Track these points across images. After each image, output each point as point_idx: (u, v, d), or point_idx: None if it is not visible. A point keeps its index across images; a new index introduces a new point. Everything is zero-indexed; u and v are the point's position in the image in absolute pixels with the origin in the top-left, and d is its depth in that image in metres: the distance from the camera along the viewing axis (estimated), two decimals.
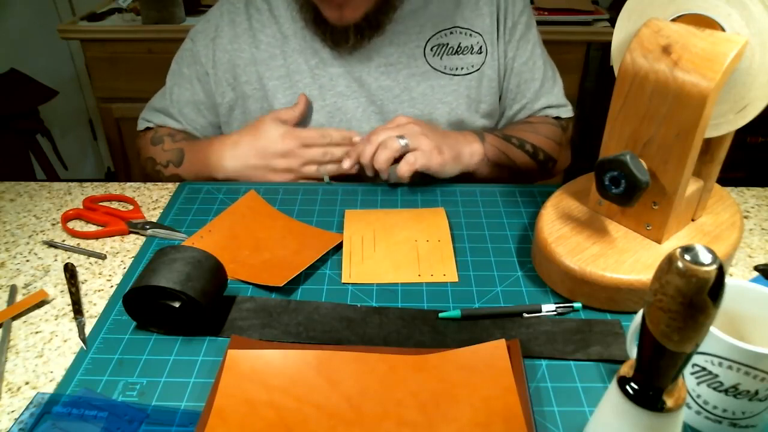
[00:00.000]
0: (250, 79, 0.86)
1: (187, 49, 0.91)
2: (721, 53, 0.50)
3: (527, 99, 0.90)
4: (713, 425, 0.45)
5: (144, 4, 1.67)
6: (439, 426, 0.46)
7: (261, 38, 0.85)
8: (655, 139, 0.55)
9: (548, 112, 0.92)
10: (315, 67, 0.84)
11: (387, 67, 0.84)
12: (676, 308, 0.32)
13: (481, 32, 0.85)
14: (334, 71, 0.84)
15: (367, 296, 0.61)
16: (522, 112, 0.91)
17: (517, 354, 0.51)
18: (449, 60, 0.84)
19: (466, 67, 0.85)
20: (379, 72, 0.84)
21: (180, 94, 0.91)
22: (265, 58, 0.85)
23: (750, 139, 1.83)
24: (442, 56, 0.84)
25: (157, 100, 0.94)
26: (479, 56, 0.85)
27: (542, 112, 0.92)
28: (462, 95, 0.86)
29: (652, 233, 0.60)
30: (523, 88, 0.89)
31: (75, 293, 0.61)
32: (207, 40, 0.88)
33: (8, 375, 0.52)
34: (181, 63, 0.91)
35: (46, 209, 0.77)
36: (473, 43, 0.85)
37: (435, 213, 0.73)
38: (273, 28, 0.85)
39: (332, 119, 0.85)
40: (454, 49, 0.84)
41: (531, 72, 0.89)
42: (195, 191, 0.79)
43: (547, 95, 0.91)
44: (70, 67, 2.24)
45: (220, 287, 0.57)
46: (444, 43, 0.84)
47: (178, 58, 0.92)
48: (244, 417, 0.46)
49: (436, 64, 0.84)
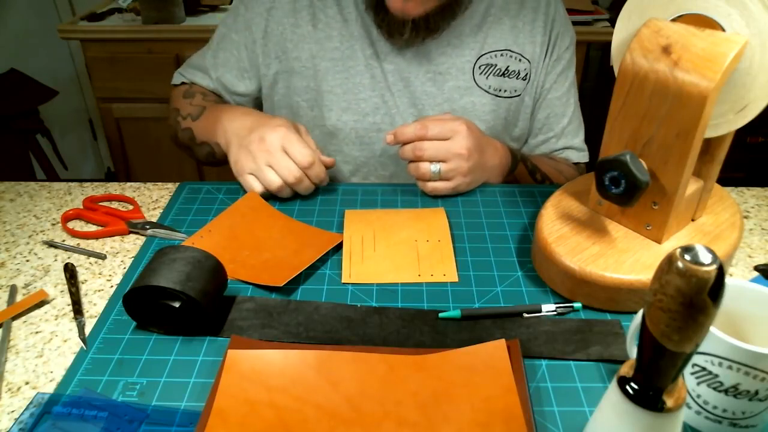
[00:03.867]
0: (300, 56, 0.86)
1: (240, 15, 0.89)
2: (721, 53, 0.50)
3: (553, 133, 0.92)
4: (713, 425, 0.45)
5: (144, 4, 1.67)
6: (439, 426, 0.46)
7: (321, 17, 0.85)
8: (655, 139, 0.55)
9: (568, 153, 0.94)
10: (369, 57, 0.85)
11: (435, 75, 0.85)
12: (676, 308, 0.32)
13: (531, 59, 0.86)
14: (386, 66, 0.85)
15: (367, 296, 0.61)
16: (545, 144, 0.93)
17: (517, 354, 0.51)
18: (495, 80, 0.86)
19: (509, 90, 0.87)
20: (426, 78, 0.85)
21: (226, 59, 0.91)
22: (321, 37, 0.85)
23: (750, 139, 1.83)
24: (488, 76, 0.85)
25: (198, 58, 0.95)
26: (523, 82, 0.87)
27: (563, 153, 0.94)
28: (500, 117, 0.87)
29: (652, 233, 0.60)
30: (552, 121, 0.91)
31: (75, 293, 0.61)
32: (262, 9, 0.87)
33: (8, 375, 0.52)
34: (230, 27, 0.90)
35: (46, 209, 0.77)
36: (521, 68, 0.86)
37: (435, 213, 0.73)
38: (334, 9, 0.85)
39: (377, 111, 0.86)
40: (502, 71, 0.86)
41: (563, 108, 0.91)
42: (195, 191, 0.79)
43: (571, 136, 0.93)
44: (70, 67, 2.24)
45: (220, 287, 0.57)
46: (493, 63, 0.85)
47: (228, 22, 0.91)
48: (244, 417, 0.46)
49: (482, 82, 0.86)
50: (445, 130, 0.73)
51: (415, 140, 0.73)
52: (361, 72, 0.85)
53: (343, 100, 0.86)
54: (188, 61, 0.97)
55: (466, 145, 0.73)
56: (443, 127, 0.73)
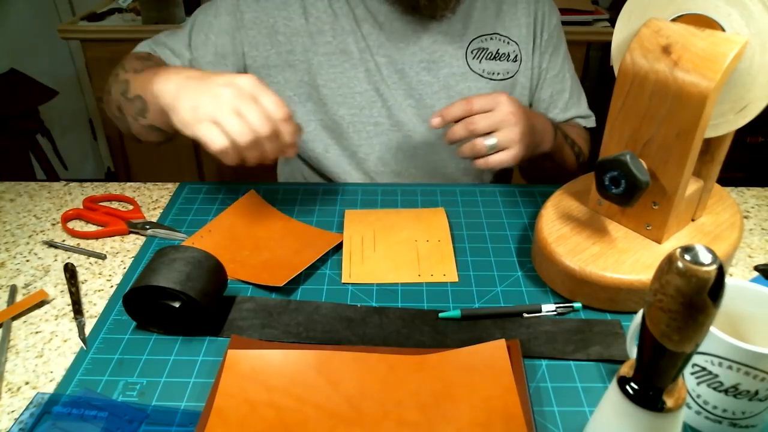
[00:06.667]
0: (294, 49, 0.85)
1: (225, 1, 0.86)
2: (721, 53, 0.50)
3: (559, 109, 0.94)
4: (713, 425, 0.45)
5: (144, 4, 1.67)
6: (439, 426, 0.46)
7: (311, 11, 0.85)
8: (655, 139, 0.55)
9: (577, 122, 0.96)
10: (363, 50, 0.85)
11: (429, 64, 0.86)
12: (676, 308, 0.32)
13: (518, 41, 0.88)
14: (379, 59, 0.85)
15: (367, 296, 0.61)
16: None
17: (517, 354, 0.51)
18: (488, 64, 0.87)
19: (502, 72, 0.88)
20: (420, 67, 0.86)
21: (202, 42, 0.85)
22: (313, 31, 0.85)
23: (750, 139, 1.83)
24: (481, 60, 0.87)
25: (170, 39, 0.87)
26: (514, 64, 0.88)
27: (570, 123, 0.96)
28: None
29: (652, 233, 0.60)
30: (556, 98, 0.93)
31: (75, 293, 0.61)
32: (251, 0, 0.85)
33: (8, 375, 0.52)
34: (208, 12, 0.86)
35: (46, 209, 0.77)
36: (510, 51, 0.88)
37: (435, 213, 0.73)
38: (325, 3, 0.85)
39: (373, 104, 0.86)
40: (493, 54, 0.87)
41: (561, 83, 0.93)
42: (195, 191, 0.79)
43: (576, 107, 0.95)
44: (70, 67, 2.24)
45: (220, 287, 0.57)
46: (485, 47, 0.87)
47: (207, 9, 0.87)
48: (244, 417, 0.46)
49: (476, 66, 0.87)
50: (488, 101, 0.73)
51: (463, 116, 0.72)
52: (356, 65, 0.85)
53: (339, 94, 0.86)
54: (158, 38, 0.87)
55: (512, 110, 0.72)
56: (486, 99, 0.73)
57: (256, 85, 0.61)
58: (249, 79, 0.61)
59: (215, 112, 0.59)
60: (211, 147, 0.59)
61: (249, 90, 0.60)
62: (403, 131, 0.87)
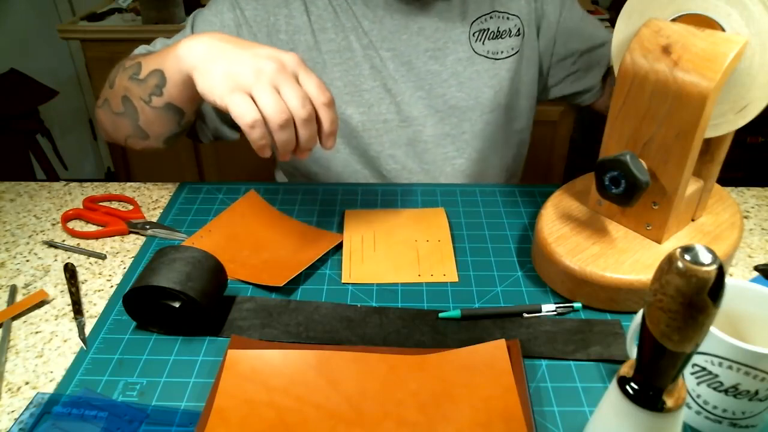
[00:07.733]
0: (296, 48, 0.85)
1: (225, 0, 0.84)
2: (721, 53, 0.50)
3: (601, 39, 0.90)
4: (713, 425, 0.45)
5: (144, 4, 1.67)
6: (439, 426, 0.46)
7: (312, 9, 0.85)
8: (655, 139, 0.55)
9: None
10: (366, 47, 0.84)
11: (435, 52, 0.85)
12: (676, 308, 0.32)
13: (518, 14, 0.87)
14: (383, 54, 0.84)
15: (367, 296, 0.61)
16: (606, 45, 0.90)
17: (517, 354, 0.51)
18: (491, 44, 0.86)
19: (506, 50, 0.87)
20: (427, 56, 0.85)
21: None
22: (316, 29, 0.84)
23: (750, 139, 1.83)
24: (484, 41, 0.86)
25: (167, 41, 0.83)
26: (518, 38, 0.87)
27: None
28: (505, 78, 0.88)
29: (652, 233, 0.60)
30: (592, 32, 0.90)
31: (75, 293, 0.61)
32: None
33: (8, 375, 0.52)
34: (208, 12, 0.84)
35: (46, 209, 0.77)
36: (511, 26, 0.87)
37: (435, 213, 0.73)
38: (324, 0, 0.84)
39: (381, 101, 0.85)
40: (495, 34, 0.86)
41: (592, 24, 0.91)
42: (195, 191, 0.79)
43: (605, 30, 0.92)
44: (70, 67, 2.24)
45: (220, 287, 0.57)
46: (485, 28, 0.86)
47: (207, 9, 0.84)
48: (244, 417, 0.46)
49: (480, 49, 0.86)
50: None
51: None
52: (360, 63, 0.84)
53: (345, 92, 0.85)
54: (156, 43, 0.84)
55: None
56: None
57: (301, 64, 0.57)
58: (294, 56, 0.58)
59: (252, 84, 0.54)
60: (240, 121, 0.54)
61: (292, 68, 0.57)
62: (413, 126, 0.86)
